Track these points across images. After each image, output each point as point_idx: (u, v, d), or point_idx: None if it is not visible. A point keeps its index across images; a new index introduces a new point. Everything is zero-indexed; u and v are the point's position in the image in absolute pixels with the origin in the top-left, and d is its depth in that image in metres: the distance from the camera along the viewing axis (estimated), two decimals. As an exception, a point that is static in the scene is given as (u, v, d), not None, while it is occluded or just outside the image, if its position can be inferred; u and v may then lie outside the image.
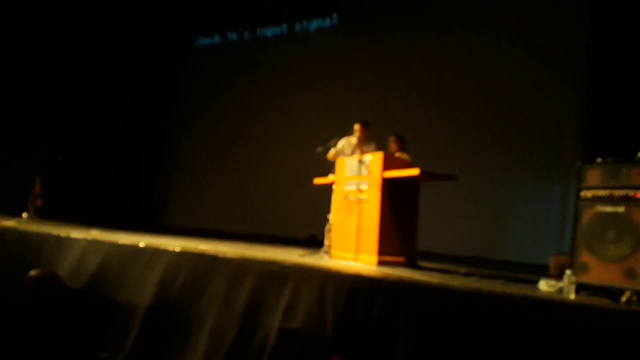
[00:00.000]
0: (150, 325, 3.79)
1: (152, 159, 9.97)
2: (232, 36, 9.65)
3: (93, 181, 9.02)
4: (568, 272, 3.17)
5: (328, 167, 5.06)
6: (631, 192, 3.13)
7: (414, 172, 3.91)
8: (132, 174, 9.65)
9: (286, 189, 8.09)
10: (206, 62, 9.84)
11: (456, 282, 3.45)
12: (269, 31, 9.20)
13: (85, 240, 4.57)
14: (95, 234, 4.87)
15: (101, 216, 7.56)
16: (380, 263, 4.00)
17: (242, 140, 9.04)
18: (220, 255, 3.84)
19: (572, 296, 3.04)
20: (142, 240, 4.33)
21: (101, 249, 4.38)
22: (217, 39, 9.88)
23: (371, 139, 5.02)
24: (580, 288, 3.13)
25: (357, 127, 4.98)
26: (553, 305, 2.83)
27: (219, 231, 7.39)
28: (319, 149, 4.90)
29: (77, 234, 4.76)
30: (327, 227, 5.01)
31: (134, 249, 4.23)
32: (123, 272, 4.14)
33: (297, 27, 8.90)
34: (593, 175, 3.38)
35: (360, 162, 4.31)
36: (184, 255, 3.96)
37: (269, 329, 3.33)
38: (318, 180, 4.97)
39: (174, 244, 4.26)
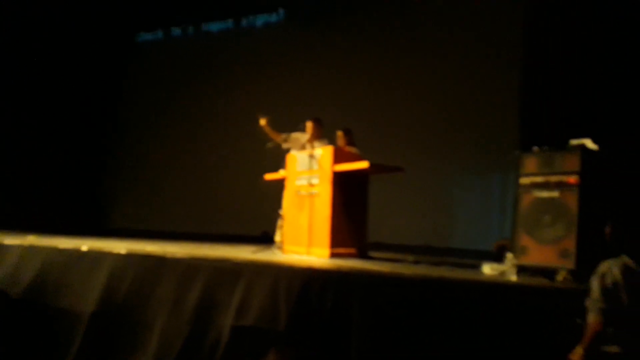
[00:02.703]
0: (96, 331, 3.66)
1: (94, 159, 9.53)
2: (176, 31, 9.36)
3: (29, 183, 8.51)
4: (509, 255, 3.33)
5: (278, 163, 5.04)
6: (565, 178, 3.32)
7: (364, 165, 3.97)
8: (72, 175, 9.18)
9: (236, 186, 7.98)
10: (149, 58, 9.51)
11: (406, 270, 3.55)
12: (214, 26, 9.00)
13: (21, 246, 4.32)
14: (32, 239, 4.61)
15: (39, 221, 7.16)
16: (333, 255, 4.04)
17: (188, 138, 8.81)
18: (169, 256, 3.75)
19: (514, 278, 3.19)
20: (85, 244, 4.15)
21: (40, 255, 4.15)
22: (159, 34, 9.57)
23: (323, 136, 5.04)
24: (520, 270, 3.30)
25: (309, 124, 4.99)
26: (498, 288, 2.96)
27: (168, 232, 7.18)
28: (270, 145, 4.87)
29: (12, 240, 4.49)
30: (279, 223, 5.00)
31: (76, 253, 4.04)
32: (65, 278, 3.95)
33: (243, 22, 8.77)
34: (530, 163, 3.56)
35: (311, 156, 4.33)
36: (130, 257, 3.83)
37: (221, 328, 3.29)
38: (269, 176, 4.94)
39: (119, 246, 4.12)
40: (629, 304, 2.12)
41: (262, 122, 4.96)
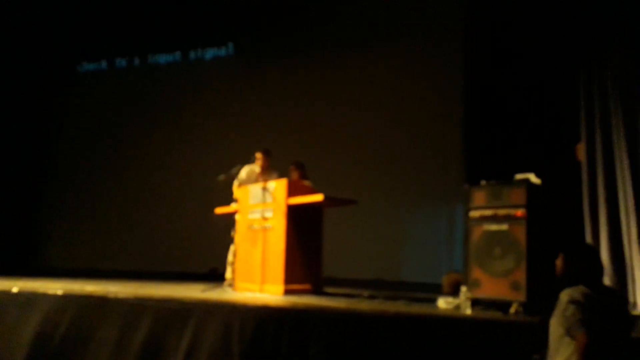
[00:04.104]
0: (27, 382, 3.31)
1: (28, 193, 8.93)
2: (121, 62, 9.13)
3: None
4: (464, 288, 3.37)
5: (229, 196, 4.92)
6: (512, 211, 3.45)
7: (318, 197, 3.95)
8: (3, 211, 8.51)
9: (182, 221, 7.70)
10: (92, 89, 9.16)
11: (363, 305, 3.50)
12: (162, 58, 8.86)
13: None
14: (-46, 281, 4.17)
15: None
16: (287, 292, 3.93)
17: (133, 171, 8.46)
18: (111, 296, 3.51)
19: (469, 311, 3.22)
20: (15, 285, 3.80)
21: (-38, 298, 3.75)
22: (103, 64, 9.28)
23: (273, 168, 5.00)
24: (474, 303, 3.33)
25: (259, 155, 4.93)
26: (454, 322, 2.97)
27: (109, 271, 6.76)
28: (221, 177, 4.74)
29: None
30: (229, 259, 4.83)
31: (5, 295, 3.68)
32: (-9, 323, 3.57)
33: (192, 55, 8.69)
34: (479, 196, 3.67)
35: (264, 189, 4.25)
36: (67, 298, 3.55)
37: (169, 373, 3.07)
38: (219, 210, 4.80)
39: (55, 286, 3.80)
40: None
41: (221, 179, 4.83)
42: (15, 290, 3.69)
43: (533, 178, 3.60)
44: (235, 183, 4.91)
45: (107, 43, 9.04)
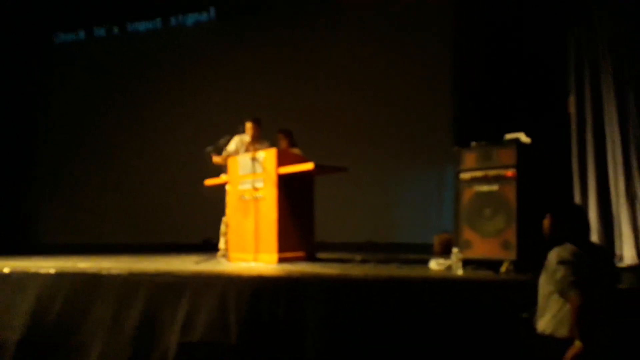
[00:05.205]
0: (25, 359, 3.33)
1: (13, 168, 8.78)
2: (100, 31, 8.81)
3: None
4: (455, 249, 3.40)
5: (219, 167, 4.86)
6: (502, 172, 3.45)
7: (309, 166, 3.92)
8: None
9: (174, 192, 7.64)
10: (70, 61, 8.88)
11: (356, 270, 3.53)
12: (142, 26, 8.56)
13: None
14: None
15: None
16: (281, 260, 3.95)
17: (118, 143, 8.32)
18: (104, 272, 3.50)
19: (460, 272, 3.26)
20: (7, 265, 3.77)
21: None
22: (81, 34, 8.95)
23: (263, 137, 4.93)
24: (465, 263, 3.38)
25: (248, 125, 4.85)
26: (446, 283, 3.01)
27: (102, 245, 6.75)
28: (209, 148, 4.68)
29: None
30: (222, 229, 4.83)
31: (-3, 276, 3.66)
32: (-16, 305, 3.57)
33: (172, 21, 8.41)
34: (469, 158, 3.66)
35: (254, 159, 4.21)
36: (61, 276, 3.53)
37: (167, 346, 3.11)
38: (209, 182, 4.75)
39: (48, 265, 3.79)
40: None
41: (216, 159, 4.75)
42: (6, 270, 3.67)
43: (523, 137, 3.58)
44: (224, 154, 4.83)
45: (84, 12, 8.70)
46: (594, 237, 3.98)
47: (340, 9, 7.11)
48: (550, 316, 2.25)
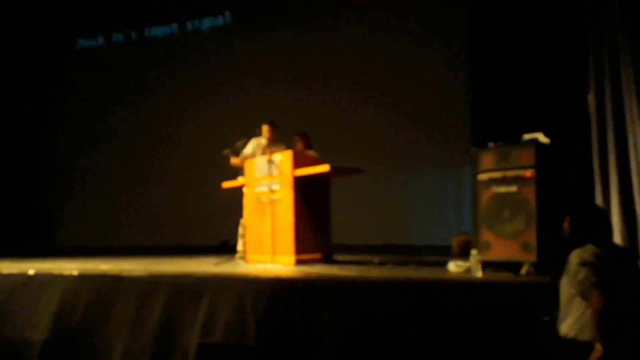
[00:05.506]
0: (51, 359, 3.41)
1: (37, 172, 8.98)
2: (118, 37, 8.98)
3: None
4: (474, 251, 3.37)
5: (236, 170, 4.90)
6: (521, 172, 3.41)
7: (325, 168, 3.92)
8: (11, 190, 8.57)
9: (192, 195, 7.72)
10: (90, 66, 9.05)
11: (373, 272, 3.52)
12: (158, 31, 8.70)
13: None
14: (-29, 266, 4.25)
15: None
16: (298, 262, 3.97)
17: (139, 147, 8.45)
18: (125, 274, 3.55)
19: (480, 274, 3.23)
20: (32, 267, 3.86)
21: (-20, 282, 3.83)
22: (100, 40, 9.14)
23: (280, 139, 4.95)
24: (485, 265, 3.34)
25: (265, 127, 4.88)
26: (465, 286, 2.99)
27: (122, 247, 6.86)
28: (226, 151, 4.72)
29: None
30: (240, 231, 4.87)
31: (22, 278, 3.75)
32: (11, 305, 3.67)
33: (189, 26, 8.51)
34: (487, 159, 3.62)
35: (270, 162, 4.23)
36: (83, 278, 3.60)
37: (187, 347, 3.15)
38: (227, 184, 4.80)
39: (70, 267, 3.87)
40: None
41: (234, 160, 4.82)
42: (31, 272, 3.76)
43: (542, 137, 3.53)
44: (240, 157, 4.87)
45: (103, 18, 8.87)
46: (617, 239, 3.91)
47: (356, 12, 7.10)
48: (573, 319, 2.22)
